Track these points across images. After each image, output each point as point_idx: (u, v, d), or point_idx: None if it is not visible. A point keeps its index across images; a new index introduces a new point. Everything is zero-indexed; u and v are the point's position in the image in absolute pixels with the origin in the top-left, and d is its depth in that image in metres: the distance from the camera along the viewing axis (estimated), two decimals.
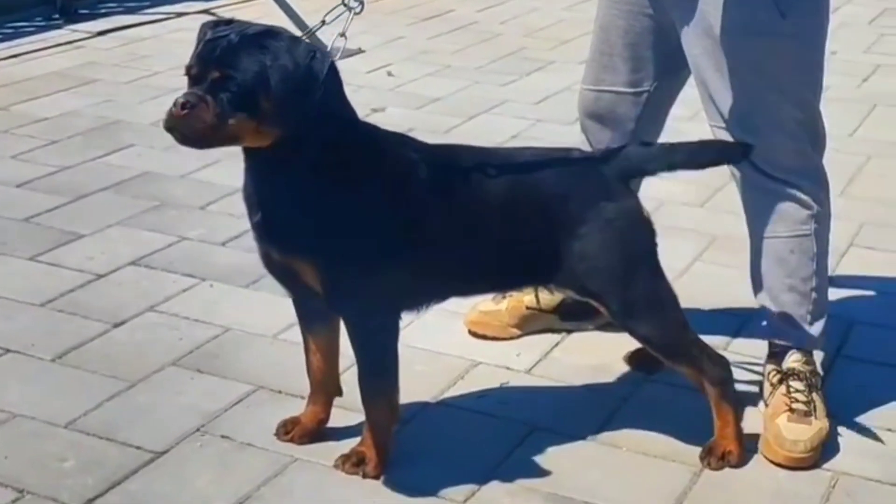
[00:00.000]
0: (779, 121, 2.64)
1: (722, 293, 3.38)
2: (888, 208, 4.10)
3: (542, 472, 2.57)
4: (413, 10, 6.87)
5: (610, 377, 2.97)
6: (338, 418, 2.68)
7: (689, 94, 2.91)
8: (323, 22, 2.50)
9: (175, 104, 2.26)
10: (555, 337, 3.15)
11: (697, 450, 2.64)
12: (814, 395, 2.69)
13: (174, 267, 3.49)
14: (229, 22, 2.39)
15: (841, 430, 2.73)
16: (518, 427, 2.73)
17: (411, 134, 2.67)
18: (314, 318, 2.60)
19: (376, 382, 2.50)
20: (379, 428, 2.51)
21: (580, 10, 6.95)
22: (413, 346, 2.90)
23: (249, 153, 2.37)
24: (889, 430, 2.76)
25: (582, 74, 3.01)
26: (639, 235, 2.56)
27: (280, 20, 5.91)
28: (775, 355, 2.77)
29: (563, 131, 4.79)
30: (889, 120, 5.10)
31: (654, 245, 2.59)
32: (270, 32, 2.29)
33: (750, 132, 2.64)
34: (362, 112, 3.24)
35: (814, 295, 2.74)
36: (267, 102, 2.25)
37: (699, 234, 3.81)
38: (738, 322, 3.23)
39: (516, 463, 2.60)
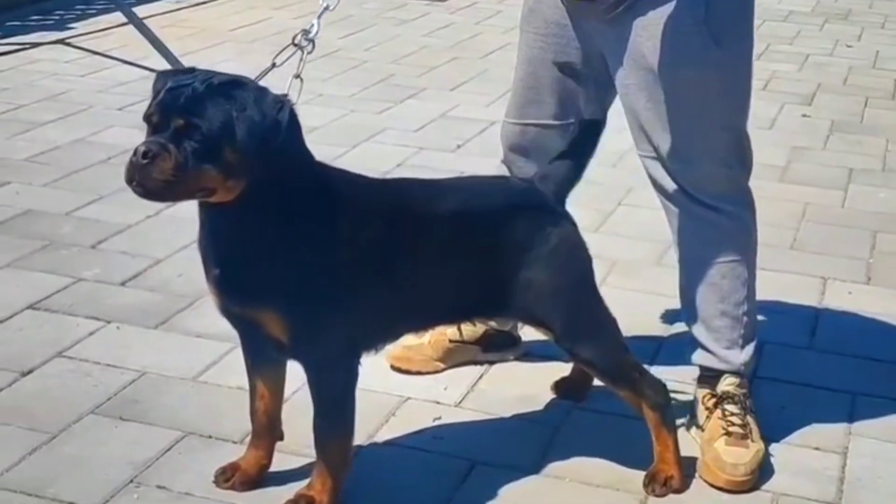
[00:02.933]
0: (711, 148, 2.69)
1: (631, 318, 3.36)
2: None
3: None
4: (274, 37, 6.77)
5: (538, 406, 2.98)
6: (276, 462, 2.62)
7: None
8: (273, 64, 2.43)
9: (135, 153, 2.17)
10: (479, 369, 3.14)
11: (638, 476, 2.66)
12: (748, 417, 2.74)
13: (75, 310, 3.36)
14: (191, 70, 2.31)
15: (772, 450, 2.79)
16: (459, 463, 2.71)
17: None
18: (263, 363, 2.53)
19: (333, 428, 2.45)
20: (332, 473, 2.45)
21: (440, 37, 7.00)
22: None
23: (206, 205, 2.30)
24: (817, 448, 2.83)
25: (456, 101, 2.95)
26: (581, 260, 2.60)
27: (144, 48, 5.78)
28: (708, 379, 2.82)
29: (447, 158, 4.83)
30: None
31: (593, 269, 2.62)
32: (237, 82, 2.23)
33: (683, 162, 2.68)
34: None
35: (745, 319, 2.79)
36: (233, 154, 2.18)
37: (599, 259, 3.80)
38: (653, 347, 3.28)
39: (464, 501, 2.58)
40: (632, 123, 2.74)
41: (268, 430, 2.58)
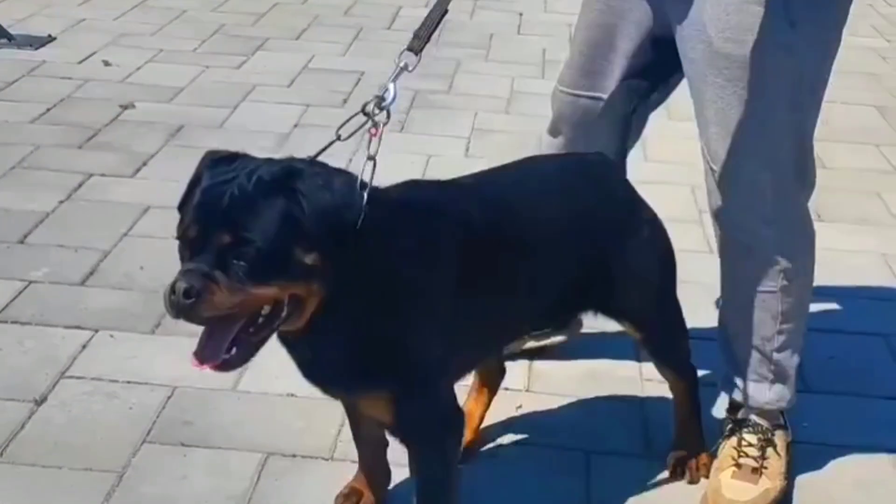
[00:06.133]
0: (764, 149, 2.30)
1: None
2: None
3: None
4: None
5: (609, 381, 2.85)
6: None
7: None
8: (338, 137, 1.91)
9: (174, 290, 1.70)
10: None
11: None
12: (769, 451, 2.46)
13: (49, 319, 2.93)
14: (233, 157, 1.83)
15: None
16: (574, 455, 2.54)
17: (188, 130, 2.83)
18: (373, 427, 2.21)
19: None
20: None
21: None
22: None
23: None
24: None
25: (309, 51, 2.19)
26: (670, 245, 2.42)
27: None
28: (734, 407, 2.55)
29: (341, 115, 4.51)
30: None
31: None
32: (292, 170, 1.77)
33: (728, 158, 2.32)
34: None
35: (775, 356, 2.47)
36: (309, 255, 1.75)
37: None
38: None
39: (605, 495, 2.42)
40: (693, 101, 2.40)
41: (379, 470, 2.32)
